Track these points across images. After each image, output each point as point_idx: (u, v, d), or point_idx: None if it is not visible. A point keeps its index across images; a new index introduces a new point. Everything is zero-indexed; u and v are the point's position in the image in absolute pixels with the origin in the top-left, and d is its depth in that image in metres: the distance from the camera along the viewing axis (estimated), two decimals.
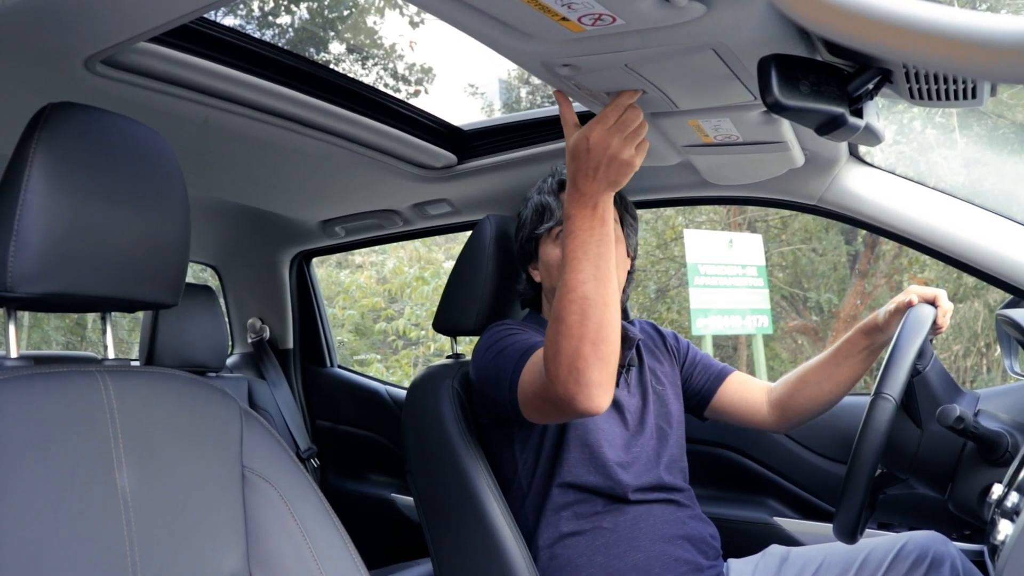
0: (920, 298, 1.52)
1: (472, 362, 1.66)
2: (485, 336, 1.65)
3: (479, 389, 1.63)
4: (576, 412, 1.29)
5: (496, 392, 1.53)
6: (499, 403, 1.53)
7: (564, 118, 1.37)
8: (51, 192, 1.01)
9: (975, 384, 7.79)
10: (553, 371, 1.29)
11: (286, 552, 1.15)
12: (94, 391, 1.06)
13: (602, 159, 1.28)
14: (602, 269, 1.29)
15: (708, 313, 5.71)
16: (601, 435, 1.59)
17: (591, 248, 1.29)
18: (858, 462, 1.33)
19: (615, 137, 1.27)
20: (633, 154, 1.29)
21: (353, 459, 3.12)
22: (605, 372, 1.28)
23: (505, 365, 1.51)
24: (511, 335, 1.58)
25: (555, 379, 1.29)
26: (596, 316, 1.27)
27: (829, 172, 1.85)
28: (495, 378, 1.53)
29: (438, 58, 15.42)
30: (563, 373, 1.27)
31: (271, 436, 1.23)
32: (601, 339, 1.27)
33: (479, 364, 1.61)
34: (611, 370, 1.29)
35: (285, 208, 2.65)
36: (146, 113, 1.47)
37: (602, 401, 1.28)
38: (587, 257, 1.29)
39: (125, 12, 1.19)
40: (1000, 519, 1.24)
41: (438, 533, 1.67)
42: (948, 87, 1.15)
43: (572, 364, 1.26)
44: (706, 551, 1.60)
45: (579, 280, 1.28)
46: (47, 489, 0.96)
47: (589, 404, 1.27)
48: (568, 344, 1.27)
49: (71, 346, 10.25)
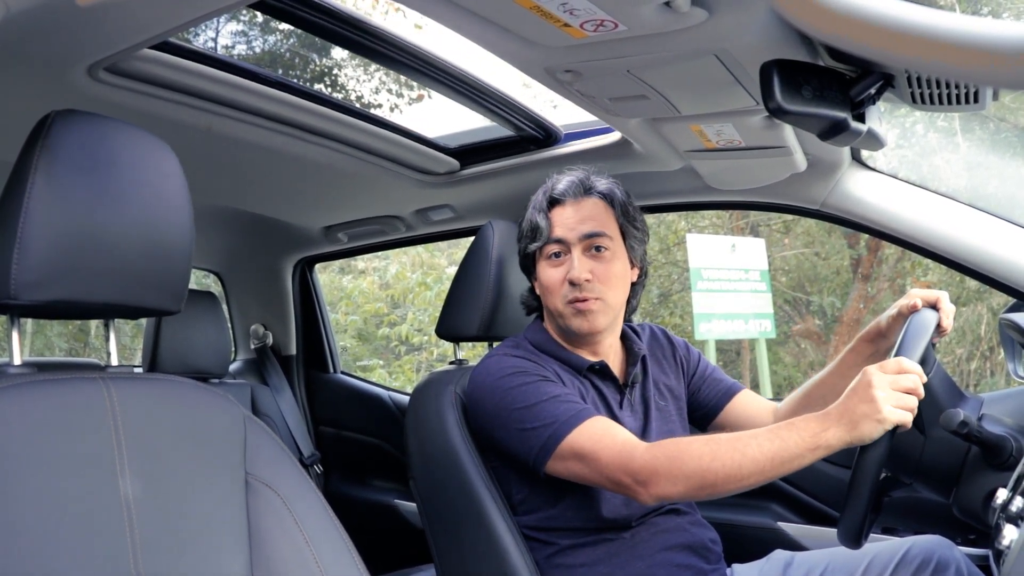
0: (923, 301, 1.51)
1: (474, 390, 1.62)
2: (495, 370, 1.59)
3: (482, 424, 1.60)
4: (633, 497, 1.39)
5: (513, 443, 1.52)
6: (512, 452, 1.53)
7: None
8: (54, 199, 1.01)
9: (979, 388, 7.77)
10: (671, 477, 1.35)
11: (289, 558, 1.15)
12: (97, 398, 1.06)
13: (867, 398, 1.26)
14: (777, 471, 1.31)
15: (711, 318, 5.70)
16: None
17: (791, 462, 1.30)
18: (862, 467, 1.33)
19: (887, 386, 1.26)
20: (887, 414, 1.25)
21: (356, 465, 3.12)
22: (679, 492, 1.36)
23: (535, 419, 1.49)
24: (530, 384, 1.54)
25: (662, 482, 1.35)
26: (744, 475, 1.30)
27: (832, 176, 1.85)
28: (518, 432, 1.50)
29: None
30: (680, 487, 1.34)
31: (274, 442, 1.23)
32: (719, 489, 1.32)
33: (488, 405, 1.57)
34: (687, 496, 1.38)
35: (288, 214, 2.66)
36: (149, 120, 1.47)
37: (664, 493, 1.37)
38: (781, 464, 1.30)
39: (128, 19, 1.20)
40: (1005, 523, 1.24)
41: (441, 539, 1.67)
42: (950, 91, 1.15)
43: (699, 485, 1.33)
44: (707, 556, 1.59)
45: (760, 465, 1.30)
46: (50, 496, 0.97)
47: (642, 495, 1.37)
48: (713, 476, 1.32)
49: (74, 353, 10.25)
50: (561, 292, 1.60)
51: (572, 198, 1.62)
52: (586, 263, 1.59)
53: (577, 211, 1.61)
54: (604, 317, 1.60)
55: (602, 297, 1.59)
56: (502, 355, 1.62)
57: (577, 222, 1.60)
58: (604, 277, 1.59)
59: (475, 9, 1.15)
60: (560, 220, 1.61)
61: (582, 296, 1.57)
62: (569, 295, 1.58)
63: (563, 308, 1.60)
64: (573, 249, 1.59)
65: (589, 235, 1.59)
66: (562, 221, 1.61)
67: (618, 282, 1.62)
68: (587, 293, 1.57)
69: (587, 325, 1.59)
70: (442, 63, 1.67)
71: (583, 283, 1.57)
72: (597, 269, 1.59)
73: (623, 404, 1.65)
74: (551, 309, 1.64)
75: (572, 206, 1.62)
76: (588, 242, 1.59)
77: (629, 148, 1.86)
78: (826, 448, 1.27)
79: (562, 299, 1.60)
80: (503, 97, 1.83)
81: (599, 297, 1.58)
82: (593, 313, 1.58)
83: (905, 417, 1.24)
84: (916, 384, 1.26)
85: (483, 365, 1.63)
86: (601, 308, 1.59)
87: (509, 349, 1.64)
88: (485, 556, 1.54)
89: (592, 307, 1.58)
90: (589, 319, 1.59)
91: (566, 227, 1.60)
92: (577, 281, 1.57)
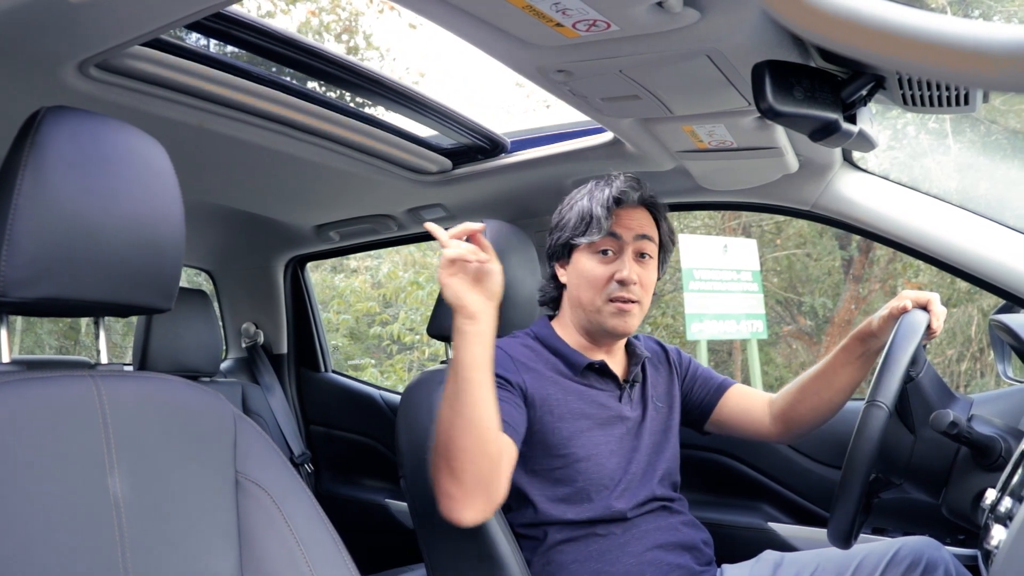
0: (913, 302, 1.52)
1: None
2: None
3: None
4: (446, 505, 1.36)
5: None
6: None
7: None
8: (44, 196, 1.01)
9: (969, 389, 7.81)
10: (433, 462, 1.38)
11: (279, 557, 1.15)
12: (87, 396, 1.05)
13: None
14: (456, 399, 1.34)
15: (703, 318, 5.71)
16: (595, 471, 1.58)
17: (458, 385, 1.35)
18: (852, 468, 1.33)
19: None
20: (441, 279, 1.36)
21: (347, 464, 3.11)
22: (460, 488, 1.33)
23: None
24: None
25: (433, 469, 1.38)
26: (445, 431, 1.34)
27: (823, 177, 1.86)
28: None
29: (443, 72, 15.41)
30: (438, 465, 1.36)
31: (264, 441, 1.22)
32: (452, 455, 1.32)
33: None
34: (468, 487, 1.33)
35: (280, 213, 2.65)
36: (140, 117, 1.47)
37: (465, 516, 1.34)
38: (453, 393, 1.35)
39: (119, 16, 1.19)
40: (994, 524, 1.24)
41: (431, 538, 1.67)
42: (941, 93, 1.16)
43: (443, 455, 1.35)
44: (698, 556, 1.60)
45: (447, 402, 1.36)
46: (39, 494, 0.96)
47: (450, 515, 1.35)
48: (435, 454, 1.37)
49: (64, 350, 10.22)
50: (606, 289, 1.63)
51: (632, 203, 1.67)
52: (635, 266, 1.64)
53: (635, 215, 1.67)
54: (637, 321, 1.66)
55: (641, 301, 1.65)
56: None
57: (637, 226, 1.66)
58: (646, 283, 1.66)
59: (468, 8, 1.15)
60: (620, 220, 1.65)
61: (628, 296, 1.62)
62: (614, 293, 1.62)
63: (602, 304, 1.64)
64: (626, 249, 1.64)
65: (641, 237, 1.65)
66: (622, 221, 1.65)
67: (652, 291, 1.69)
68: (632, 295, 1.63)
69: (623, 325, 1.64)
70: (383, 79, 1.72)
71: (631, 285, 1.62)
72: (642, 274, 1.65)
73: (622, 399, 1.67)
74: (583, 302, 1.67)
75: (632, 209, 1.67)
76: (639, 246, 1.65)
77: (621, 148, 1.86)
78: (460, 338, 1.36)
79: (604, 296, 1.63)
80: (444, 110, 1.88)
81: (639, 301, 1.64)
82: (632, 316, 1.64)
83: (447, 277, 1.34)
84: (457, 253, 1.33)
85: None
86: (638, 313, 1.65)
87: (505, 341, 1.68)
88: (476, 555, 1.54)
89: (633, 310, 1.64)
90: (626, 320, 1.64)
91: (625, 227, 1.65)
92: (628, 282, 1.62)
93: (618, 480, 1.58)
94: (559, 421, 1.57)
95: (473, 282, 1.36)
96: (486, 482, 1.34)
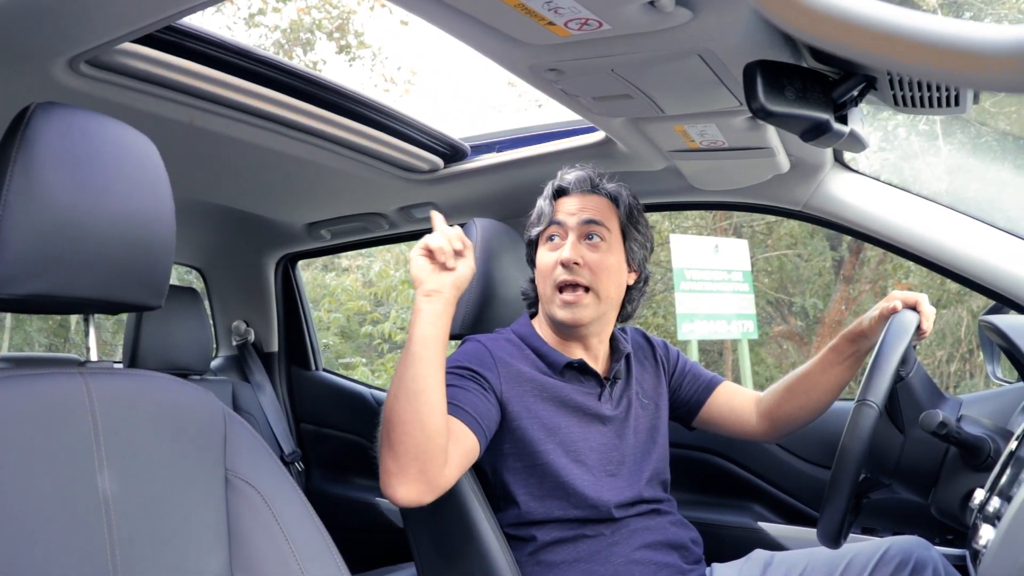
0: (903, 303, 1.53)
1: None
2: (448, 360, 1.59)
3: None
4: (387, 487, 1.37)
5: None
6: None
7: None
8: (33, 192, 1.00)
9: (958, 389, 7.84)
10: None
11: (269, 556, 1.14)
12: (76, 393, 1.05)
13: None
14: (405, 378, 1.35)
15: (694, 318, 5.72)
16: (574, 469, 1.57)
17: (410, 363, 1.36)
18: (842, 468, 1.33)
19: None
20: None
21: (337, 463, 3.11)
22: (395, 462, 1.33)
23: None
24: (454, 373, 1.54)
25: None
26: (388, 405, 1.35)
27: (814, 178, 1.87)
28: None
29: (432, 72, 15.40)
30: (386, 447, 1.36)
31: (255, 439, 1.22)
32: (391, 427, 1.33)
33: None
34: (403, 461, 1.32)
35: (271, 210, 2.64)
36: (131, 114, 1.46)
37: (399, 493, 1.34)
38: (403, 371, 1.36)
39: (109, 12, 1.19)
40: (982, 524, 1.25)
41: (421, 537, 1.67)
42: (932, 94, 1.16)
43: (378, 451, 1.37)
44: (686, 555, 1.60)
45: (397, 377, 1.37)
46: (27, 491, 0.96)
47: (385, 491, 1.35)
48: (381, 431, 1.37)
49: (54, 348, 10.18)
50: (552, 275, 1.62)
51: (578, 191, 1.67)
52: (579, 248, 1.61)
53: (583, 201, 1.66)
54: (589, 312, 1.61)
55: (592, 286, 1.60)
56: (465, 345, 1.66)
57: (578, 210, 1.64)
58: (596, 266, 1.61)
59: (460, 7, 1.15)
60: (562, 207, 1.66)
61: (571, 280, 1.59)
62: (559, 278, 1.60)
63: (551, 294, 1.62)
64: (570, 233, 1.63)
65: (587, 222, 1.63)
66: (565, 208, 1.66)
67: (610, 275, 1.63)
68: (576, 277, 1.59)
69: (571, 317, 1.61)
70: (342, 90, 1.77)
71: (572, 266, 1.59)
72: (589, 256, 1.61)
73: (602, 397, 1.65)
74: (543, 296, 1.66)
75: (577, 197, 1.67)
76: (585, 229, 1.63)
77: (613, 147, 1.86)
78: (416, 314, 1.39)
79: (552, 282, 1.62)
80: (404, 119, 1.93)
81: (588, 286, 1.60)
82: (581, 307, 1.60)
83: (417, 255, 1.41)
84: (438, 245, 1.40)
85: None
86: (591, 302, 1.61)
87: (489, 337, 1.67)
88: (465, 555, 1.54)
89: (582, 300, 1.60)
90: (574, 312, 1.60)
91: (566, 213, 1.65)
92: (567, 263, 1.59)
93: (599, 479, 1.58)
94: (536, 419, 1.56)
95: (440, 266, 1.40)
96: (422, 459, 1.32)
